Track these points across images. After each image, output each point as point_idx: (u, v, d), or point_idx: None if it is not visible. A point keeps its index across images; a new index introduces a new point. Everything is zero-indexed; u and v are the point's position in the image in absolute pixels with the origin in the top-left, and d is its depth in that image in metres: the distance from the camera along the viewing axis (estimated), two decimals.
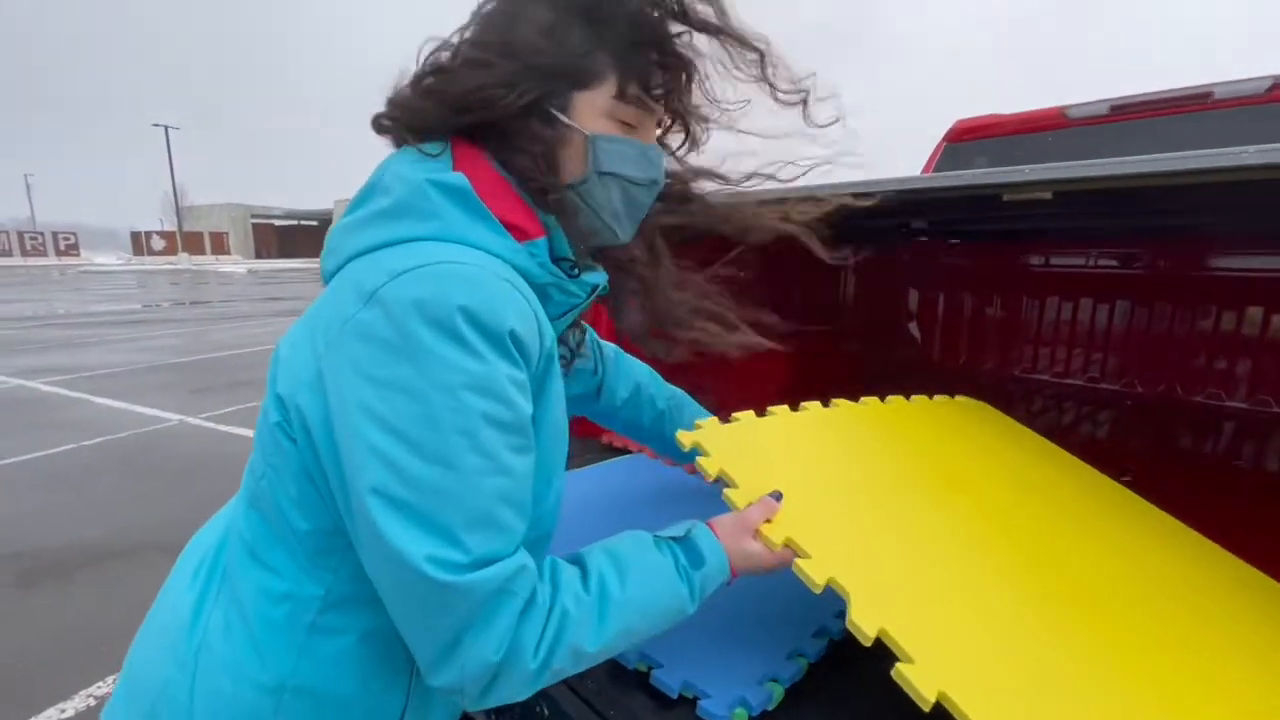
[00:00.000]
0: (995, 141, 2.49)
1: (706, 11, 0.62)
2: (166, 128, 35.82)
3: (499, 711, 0.74)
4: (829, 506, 0.71)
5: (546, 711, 0.67)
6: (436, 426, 0.50)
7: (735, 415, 0.86)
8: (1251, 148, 0.68)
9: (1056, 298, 2.46)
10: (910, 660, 0.53)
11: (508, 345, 0.53)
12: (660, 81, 0.62)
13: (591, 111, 0.61)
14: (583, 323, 0.84)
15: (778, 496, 0.68)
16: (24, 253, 34.56)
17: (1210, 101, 2.03)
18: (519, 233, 0.59)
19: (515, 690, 0.53)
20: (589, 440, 1.58)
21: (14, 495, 3.02)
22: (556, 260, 0.62)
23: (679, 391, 1.07)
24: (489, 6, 0.62)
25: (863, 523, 0.71)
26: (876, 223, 2.39)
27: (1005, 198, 1.24)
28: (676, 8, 0.61)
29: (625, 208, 0.66)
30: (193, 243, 37.29)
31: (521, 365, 0.55)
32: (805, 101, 0.69)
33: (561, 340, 0.78)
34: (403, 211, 0.57)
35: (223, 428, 4.07)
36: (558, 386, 0.62)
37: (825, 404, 0.95)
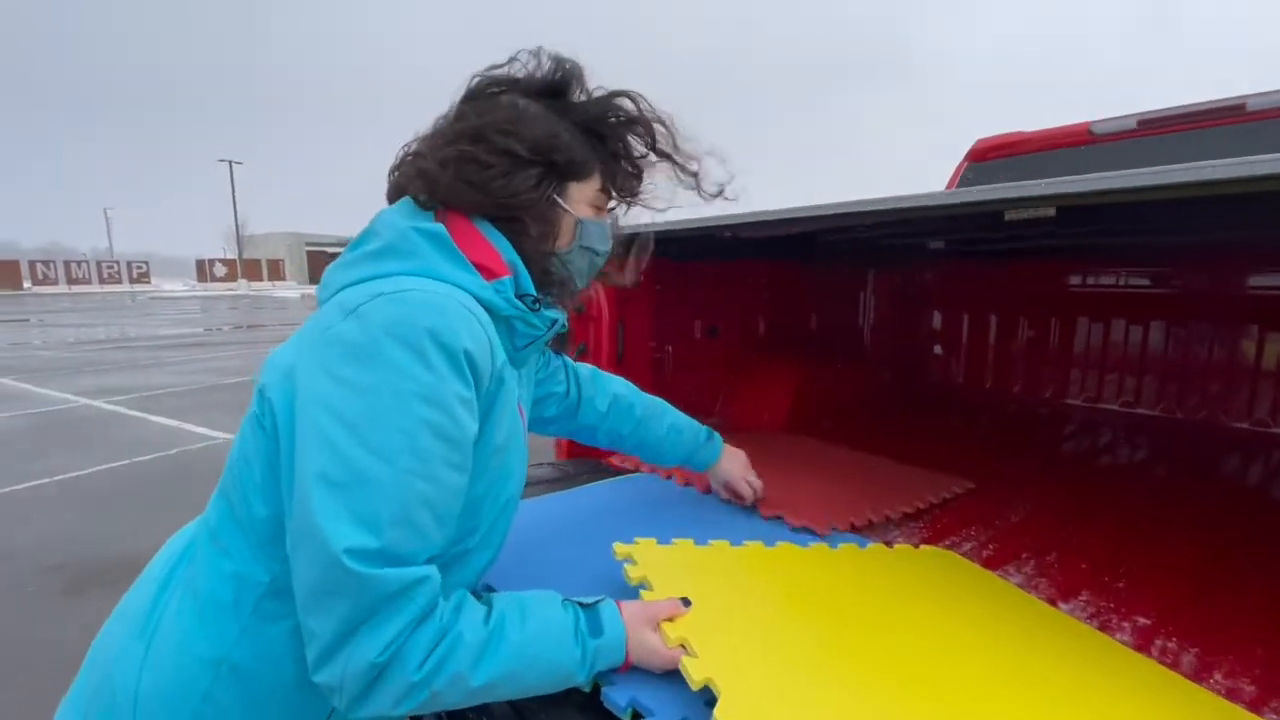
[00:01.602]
0: (1018, 160, 2.44)
1: (666, 143, 0.80)
2: (231, 163, 38.17)
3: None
4: (733, 623, 0.75)
5: None
6: (382, 423, 0.56)
7: (675, 540, 0.92)
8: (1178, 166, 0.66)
9: (1086, 319, 2.38)
10: None
11: (461, 363, 0.60)
12: (629, 184, 0.80)
13: (580, 199, 0.76)
14: (550, 350, 0.95)
15: (687, 603, 0.73)
16: (101, 280, 37.03)
17: (1244, 114, 1.96)
18: (487, 273, 0.68)
19: (393, 700, 0.56)
20: (597, 460, 1.60)
21: (68, 509, 3.21)
22: (521, 296, 0.71)
23: (658, 399, 1.13)
24: (502, 97, 0.73)
25: (761, 641, 0.73)
26: (894, 243, 2.38)
27: (1008, 216, 1.22)
28: (648, 138, 0.79)
29: (589, 269, 0.81)
30: (251, 270, 39.28)
31: (471, 384, 0.61)
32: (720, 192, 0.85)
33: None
34: (390, 252, 0.67)
35: None
36: (508, 409, 0.69)
37: (768, 544, 0.99)
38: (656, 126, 0.78)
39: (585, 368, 1.10)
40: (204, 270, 39.30)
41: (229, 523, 0.65)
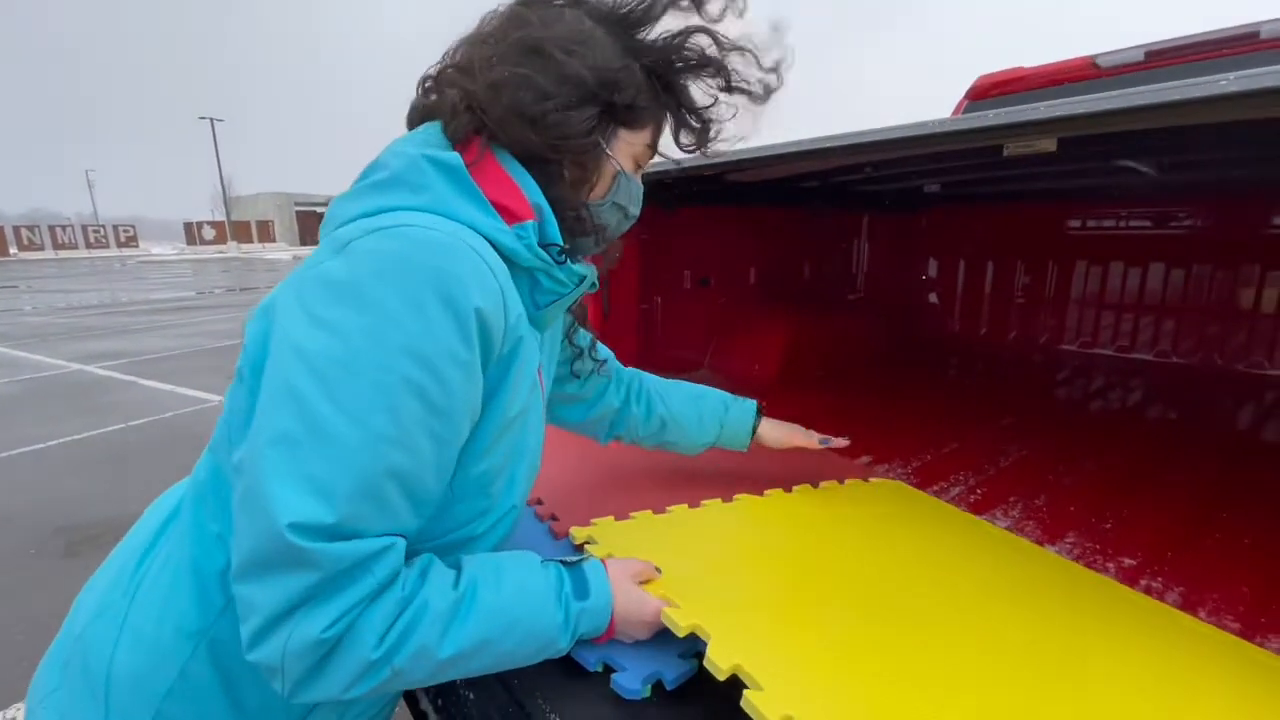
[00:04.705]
0: (1020, 97, 2.34)
1: (744, 77, 0.66)
2: (212, 120, 37.01)
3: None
4: (708, 578, 0.74)
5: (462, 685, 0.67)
6: (356, 374, 0.49)
7: (632, 514, 0.91)
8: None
9: (1084, 262, 2.33)
10: (760, 689, 0.55)
11: (469, 324, 0.52)
12: (688, 139, 0.69)
13: (626, 150, 0.66)
14: (590, 331, 0.87)
15: (658, 570, 0.71)
16: (88, 245, 36.44)
17: (1257, 42, 1.86)
18: (508, 214, 0.59)
19: (346, 682, 0.50)
20: None
21: (66, 473, 3.21)
22: (545, 246, 0.62)
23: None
24: (566, 10, 0.62)
25: (738, 590, 0.74)
26: (889, 187, 2.31)
27: (1007, 151, 1.16)
28: (723, 80, 0.66)
29: (615, 230, 0.72)
30: (241, 231, 38.59)
31: (475, 347, 0.53)
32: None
33: (571, 340, 0.84)
34: (396, 183, 0.58)
35: None
36: (525, 374, 0.61)
37: (726, 499, 0.99)
38: (733, 58, 0.66)
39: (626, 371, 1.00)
40: (192, 233, 38.59)
41: (216, 480, 0.58)
